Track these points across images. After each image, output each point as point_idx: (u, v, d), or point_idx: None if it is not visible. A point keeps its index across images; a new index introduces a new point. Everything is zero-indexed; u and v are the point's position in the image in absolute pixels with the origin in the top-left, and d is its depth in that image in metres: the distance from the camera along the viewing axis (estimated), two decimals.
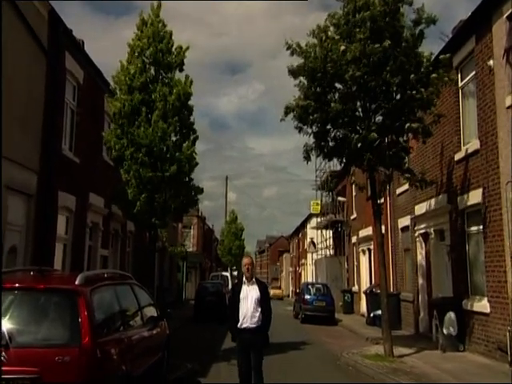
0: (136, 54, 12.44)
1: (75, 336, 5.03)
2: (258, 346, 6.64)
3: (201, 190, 13.15)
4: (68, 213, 12.12)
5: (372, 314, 18.01)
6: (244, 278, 6.76)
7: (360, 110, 11.46)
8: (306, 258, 43.56)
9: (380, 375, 9.41)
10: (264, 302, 6.67)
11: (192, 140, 12.74)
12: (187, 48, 12.81)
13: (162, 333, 8.34)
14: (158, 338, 8.00)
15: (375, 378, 9.43)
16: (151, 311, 8.13)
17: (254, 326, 6.61)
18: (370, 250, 22.11)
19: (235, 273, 54.91)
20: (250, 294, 6.63)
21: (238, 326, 6.63)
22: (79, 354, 4.92)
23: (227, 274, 36.67)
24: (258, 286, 6.71)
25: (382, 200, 17.35)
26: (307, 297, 21.90)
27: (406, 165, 12.68)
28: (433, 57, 10.97)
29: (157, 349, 7.87)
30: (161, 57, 12.49)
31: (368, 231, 21.54)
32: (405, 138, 11.82)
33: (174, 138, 12.76)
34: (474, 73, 11.59)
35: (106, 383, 5.21)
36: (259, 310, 6.62)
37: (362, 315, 21.45)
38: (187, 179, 12.84)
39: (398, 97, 11.08)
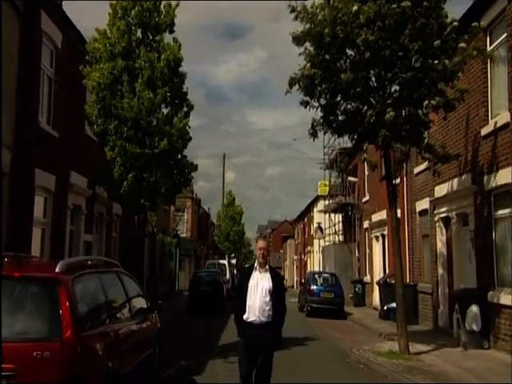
0: (119, 16, 12.29)
1: (56, 329, 5.04)
2: (266, 346, 6.16)
3: (195, 167, 13.14)
4: (46, 193, 12.11)
5: (386, 307, 18.12)
6: (256, 264, 6.32)
7: (374, 79, 11.33)
8: (312, 244, 43.71)
9: (394, 374, 9.48)
10: (277, 295, 6.24)
11: (185, 112, 12.67)
12: (177, 5, 12.64)
13: (152, 326, 8.39)
14: (149, 332, 8.06)
15: (389, 376, 9.51)
16: (140, 303, 8.17)
17: (262, 320, 6.15)
18: (383, 236, 22.15)
19: (234, 261, 55.24)
20: (260, 283, 6.20)
21: (244, 318, 6.22)
22: (60, 350, 4.93)
23: (225, 262, 36.87)
24: (272, 276, 6.28)
25: (398, 180, 17.32)
26: (313, 287, 22.03)
27: (426, 141, 12.61)
28: (456, 23, 10.76)
29: (147, 344, 7.93)
30: (147, 17, 12.33)
31: (382, 215, 21.56)
32: (424, 111, 11.71)
33: (164, 111, 12.72)
34: (504, 36, 11.42)
35: (90, 381, 5.25)
36: (270, 303, 6.16)
37: (375, 308, 21.60)
38: (179, 156, 12.85)
39: (417, 65, 10.95)
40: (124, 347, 6.44)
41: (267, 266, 6.33)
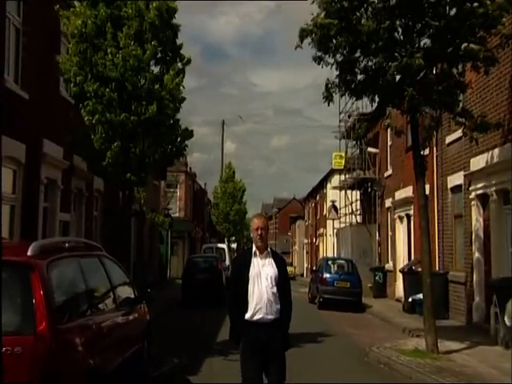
0: None
1: (28, 321, 5.06)
2: (277, 351, 5.77)
3: (190, 134, 13.09)
4: (15, 165, 12.07)
5: (411, 299, 18.20)
6: (254, 248, 5.92)
7: (400, 30, 11.18)
8: (325, 226, 43.80)
9: (420, 375, 9.54)
10: (283, 285, 5.92)
11: (179, 69, 12.55)
12: None
13: (140, 319, 8.46)
14: (136, 325, 8.12)
15: (413, 377, 9.57)
16: (127, 291, 8.23)
17: (272, 317, 5.76)
18: (409, 216, 22.13)
19: (234, 245, 55.59)
20: (264, 271, 5.84)
21: (247, 317, 5.74)
22: (33, 345, 4.95)
23: (224, 245, 37.02)
24: (275, 261, 5.94)
25: (427, 151, 17.20)
26: (327, 276, 22.14)
27: (461, 104, 12.48)
28: None
29: (135, 339, 7.99)
30: None
31: (407, 192, 21.51)
32: (460, 69, 11.57)
33: (154, 69, 12.61)
34: None
35: (67, 381, 5.28)
36: (277, 294, 5.82)
37: (398, 300, 21.69)
38: (171, 122, 12.78)
39: (453, 12, 10.78)
40: (107, 342, 6.49)
41: (268, 249, 5.97)
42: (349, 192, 32.08)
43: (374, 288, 25.00)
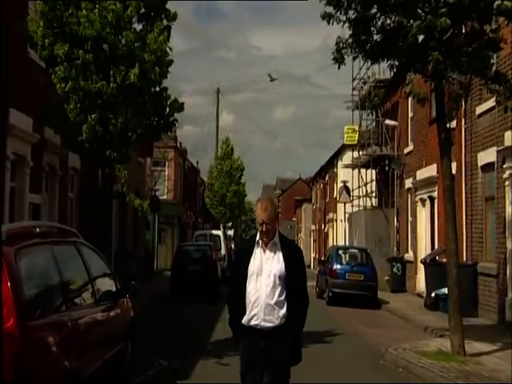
0: None
1: None
2: (277, 364, 5.51)
3: (179, 106, 13.03)
4: None
5: (434, 294, 18.24)
6: (258, 237, 5.68)
7: None
8: (335, 210, 43.85)
9: (443, 380, 9.58)
10: (295, 280, 5.58)
11: (164, 26, 12.46)
12: None
13: (123, 315, 8.50)
14: (119, 322, 8.16)
15: (436, 383, 9.62)
16: (108, 284, 8.27)
17: (271, 325, 5.49)
18: (432, 198, 22.13)
19: (231, 232, 55.61)
20: (266, 267, 5.57)
21: (244, 321, 5.57)
22: (0, 343, 4.94)
23: (219, 232, 37.04)
24: (284, 253, 5.62)
25: (454, 124, 17.15)
26: (337, 267, 22.20)
27: (494, 68, 12.40)
28: None
29: (117, 338, 8.04)
30: None
31: (430, 171, 21.48)
32: (493, 26, 11.49)
33: (136, 27, 12.53)
34: None
35: None
36: (283, 295, 5.51)
37: (419, 295, 21.79)
38: (157, 89, 12.73)
39: None
40: (85, 342, 6.52)
41: (276, 239, 5.65)
42: (363, 171, 32.01)
43: (392, 281, 25.07)
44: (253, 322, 5.52)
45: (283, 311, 5.49)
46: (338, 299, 21.39)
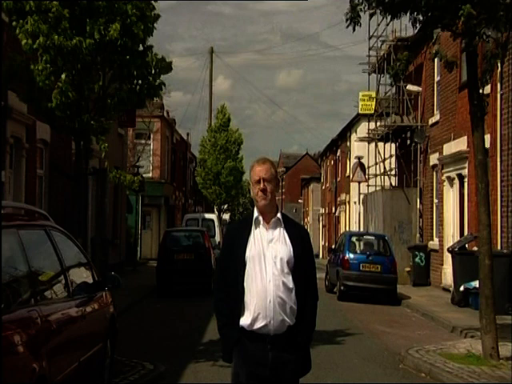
0: None
1: None
2: (290, 378, 5.13)
3: (167, 66, 13.02)
4: None
5: (462, 288, 18.25)
6: (256, 213, 5.20)
7: None
8: (348, 191, 43.84)
9: None
10: (303, 268, 5.15)
11: None
12: None
13: (102, 311, 8.52)
14: (96, 319, 8.17)
15: None
16: (83, 275, 8.28)
17: (280, 327, 5.02)
18: (462, 177, 22.09)
19: (226, 216, 55.71)
20: (271, 250, 5.09)
21: (245, 323, 5.04)
22: None
23: (213, 216, 37.17)
24: (290, 232, 5.19)
25: (488, 89, 17.06)
26: (350, 256, 22.23)
27: None
28: None
29: (94, 337, 8.05)
30: None
31: (460, 145, 21.44)
32: None
33: None
34: None
35: None
36: (291, 287, 5.07)
37: (445, 289, 21.86)
38: (141, 48, 12.68)
39: None
40: (57, 341, 6.51)
41: (279, 215, 5.20)
42: (380, 145, 31.95)
43: (414, 273, 25.12)
44: (258, 325, 4.98)
45: (295, 306, 5.06)
46: (350, 294, 21.44)
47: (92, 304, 8.01)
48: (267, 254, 5.08)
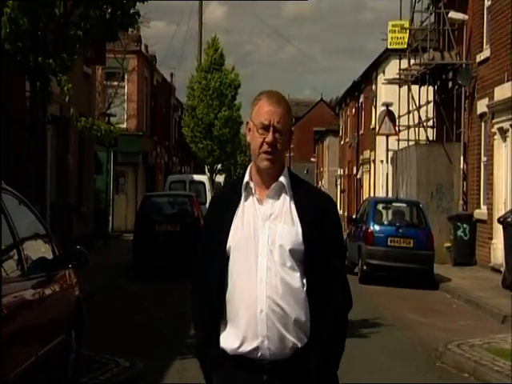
0: None
1: None
2: None
3: None
4: None
5: None
6: (247, 177, 4.32)
7: None
8: (373, 147, 43.81)
9: None
10: (320, 259, 4.20)
11: None
12: None
13: (65, 294, 8.56)
14: (58, 303, 8.21)
15: None
16: (41, 249, 8.31)
17: (282, 349, 4.15)
18: None
19: (221, 178, 55.63)
20: (264, 233, 4.22)
21: (227, 345, 4.23)
22: None
23: (203, 178, 37.07)
24: (300, 203, 4.28)
25: None
26: (376, 229, 22.36)
27: None
28: None
29: (55, 326, 8.09)
30: None
31: None
32: None
33: None
34: None
35: None
36: (298, 287, 4.17)
37: (495, 269, 21.90)
38: None
39: None
40: (9, 331, 6.51)
41: (282, 180, 4.31)
42: (415, 89, 31.88)
43: (455, 249, 25.21)
44: (246, 347, 4.18)
45: (304, 320, 4.19)
46: (375, 275, 21.57)
47: (52, 285, 8.03)
48: (261, 239, 4.21)
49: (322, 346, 4.18)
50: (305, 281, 4.19)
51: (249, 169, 4.38)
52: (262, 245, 4.19)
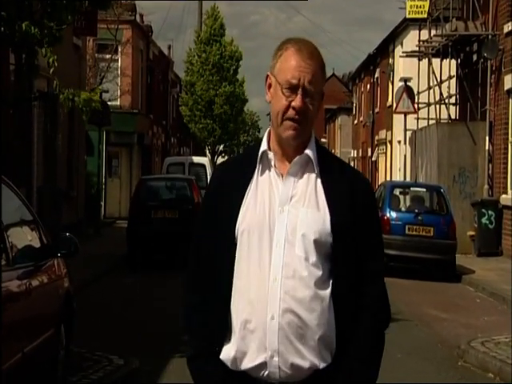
0: None
1: None
2: None
3: None
4: None
5: None
6: (265, 145, 3.72)
7: None
8: (390, 127, 43.80)
9: None
10: (352, 255, 3.61)
11: None
12: None
13: (53, 286, 8.60)
14: (46, 296, 8.23)
15: None
16: (28, 237, 8.34)
17: (297, 370, 3.51)
18: None
19: (222, 160, 55.43)
20: (282, 219, 3.61)
21: (228, 358, 3.62)
22: None
23: (204, 160, 37.10)
24: (330, 183, 3.67)
25: None
26: (392, 216, 22.36)
27: None
28: None
29: (43, 320, 8.13)
30: None
31: None
32: None
33: None
34: None
35: None
36: (327, 290, 3.56)
37: None
38: None
39: None
40: None
41: (308, 152, 3.68)
42: (436, 63, 31.84)
43: (480, 238, 25.24)
44: (250, 362, 3.57)
45: (328, 334, 3.58)
46: (392, 266, 21.42)
47: (40, 275, 8.05)
48: (278, 226, 3.62)
49: (350, 370, 3.55)
50: (331, 283, 3.58)
51: (266, 134, 3.79)
52: (279, 233, 3.59)
